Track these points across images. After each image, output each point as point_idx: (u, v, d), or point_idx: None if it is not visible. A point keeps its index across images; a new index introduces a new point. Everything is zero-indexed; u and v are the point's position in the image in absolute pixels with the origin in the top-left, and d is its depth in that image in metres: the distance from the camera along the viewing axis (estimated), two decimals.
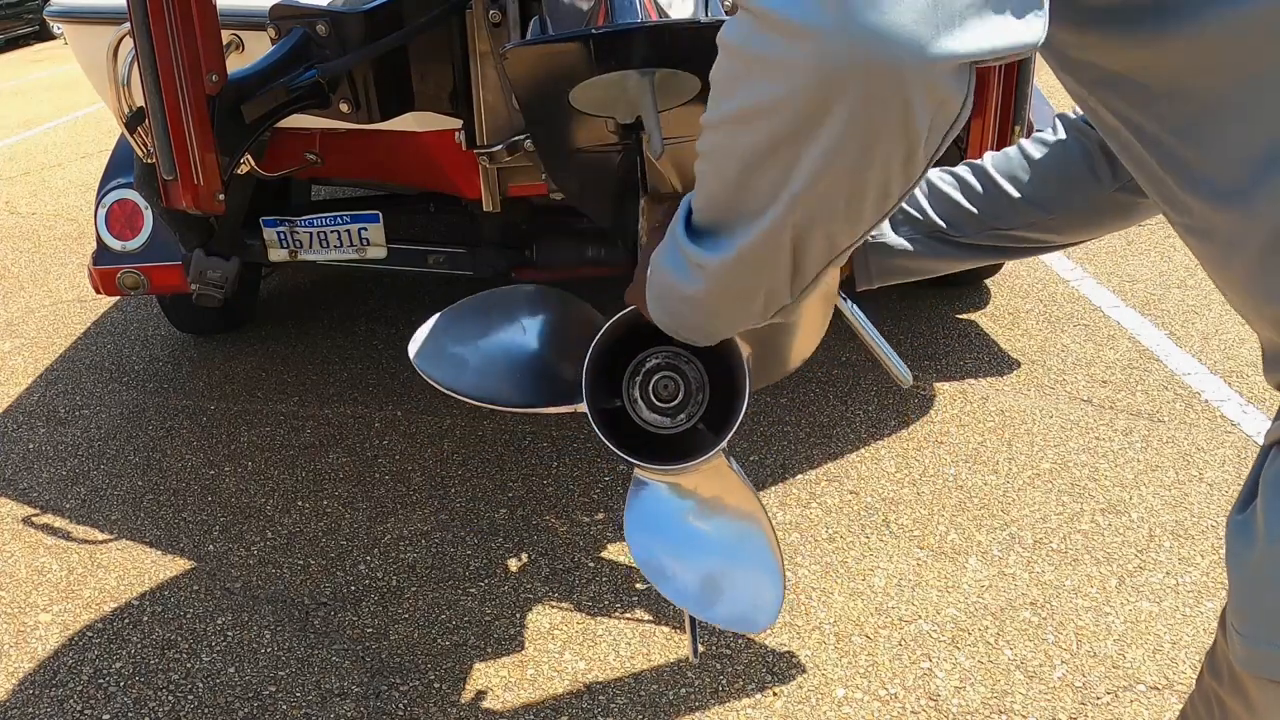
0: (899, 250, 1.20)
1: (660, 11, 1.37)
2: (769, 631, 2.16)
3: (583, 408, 1.15)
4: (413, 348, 1.26)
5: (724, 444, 1.14)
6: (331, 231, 2.61)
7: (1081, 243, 1.18)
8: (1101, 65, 0.76)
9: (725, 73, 0.66)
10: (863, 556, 2.39)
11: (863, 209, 0.67)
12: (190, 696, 2.07)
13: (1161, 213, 0.84)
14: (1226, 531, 0.79)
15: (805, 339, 1.31)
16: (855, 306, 1.27)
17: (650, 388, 1.18)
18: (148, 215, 2.90)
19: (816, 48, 0.59)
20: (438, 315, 1.29)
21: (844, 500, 2.59)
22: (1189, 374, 3.14)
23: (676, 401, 1.18)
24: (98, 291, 2.96)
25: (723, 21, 0.67)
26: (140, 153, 1.90)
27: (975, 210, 1.15)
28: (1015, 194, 1.13)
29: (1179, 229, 0.81)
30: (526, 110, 1.49)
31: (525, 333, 1.34)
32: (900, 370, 1.24)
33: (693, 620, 1.35)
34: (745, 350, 1.13)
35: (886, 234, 1.20)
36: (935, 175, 1.18)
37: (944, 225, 1.17)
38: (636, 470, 1.24)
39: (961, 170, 1.17)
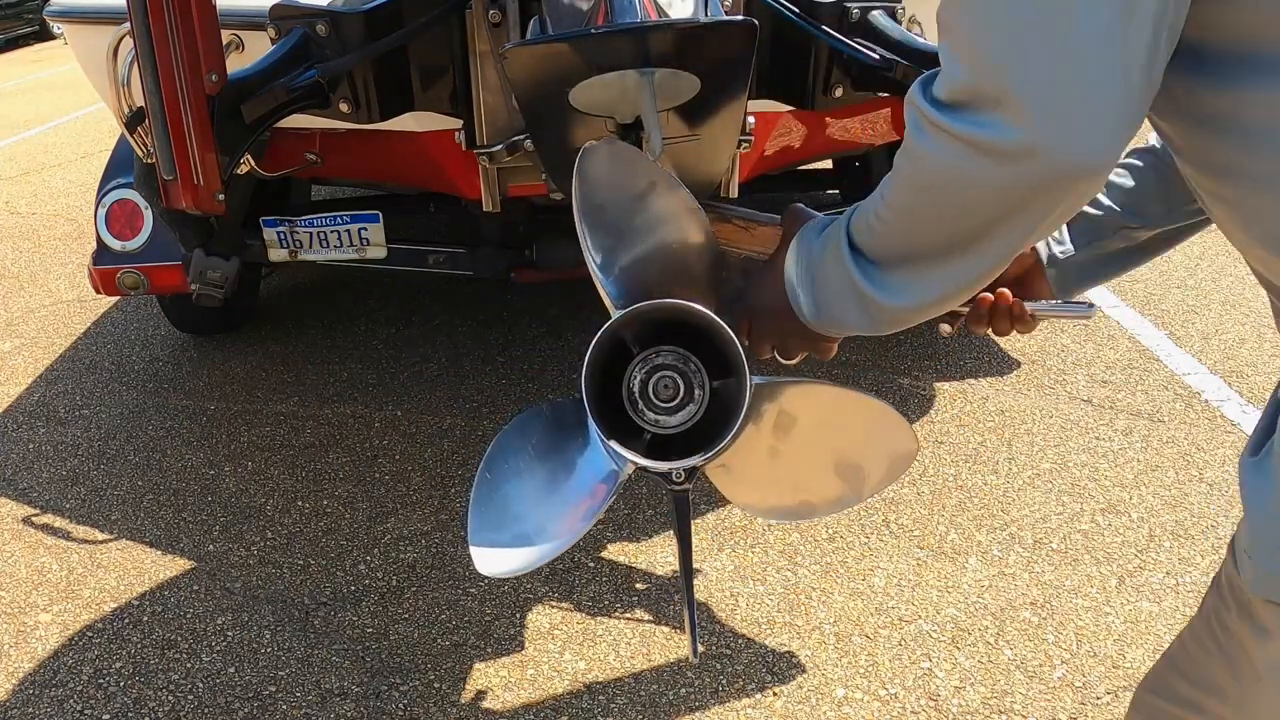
0: (1094, 255, 1.18)
1: (660, 11, 1.37)
2: (769, 631, 2.16)
3: (628, 455, 1.13)
4: (484, 568, 1.21)
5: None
6: (331, 231, 2.61)
7: None
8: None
9: (928, 182, 0.82)
10: (863, 556, 2.39)
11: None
12: (190, 696, 2.07)
13: (1191, 179, 0.89)
14: (1240, 472, 0.86)
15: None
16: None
17: (650, 389, 1.18)
18: (148, 215, 2.90)
19: (1026, 167, 0.73)
20: (470, 528, 1.24)
21: None
22: (1189, 374, 3.14)
23: (677, 400, 1.18)
24: (98, 291, 2.96)
25: (723, 22, 0.71)
26: (140, 153, 1.90)
27: (1163, 191, 1.12)
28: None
29: (1209, 196, 0.86)
30: (526, 110, 1.48)
31: (534, 458, 1.31)
32: (1080, 309, 1.21)
33: (693, 620, 1.34)
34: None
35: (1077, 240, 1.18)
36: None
37: (1133, 218, 1.14)
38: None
39: (1128, 159, 1.15)
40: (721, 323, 1.11)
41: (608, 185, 1.15)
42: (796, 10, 1.98)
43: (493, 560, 1.22)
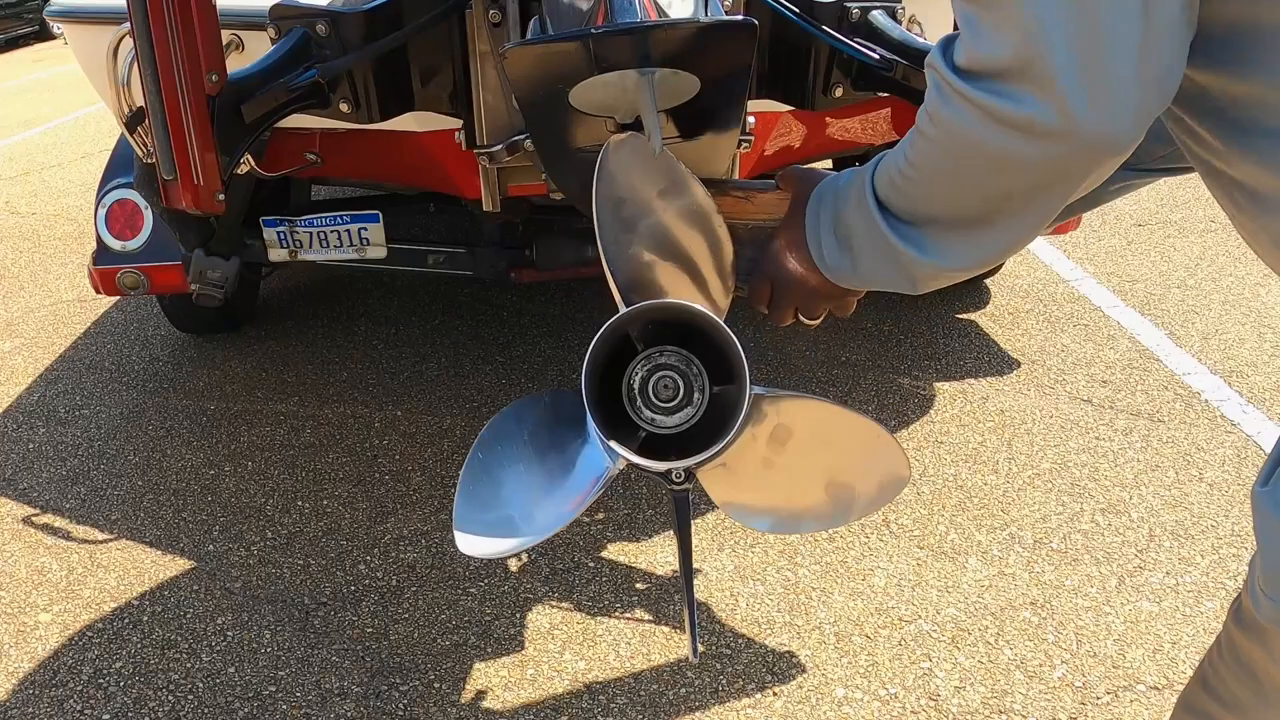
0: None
1: (660, 11, 1.37)
2: (769, 631, 2.16)
3: (627, 454, 1.13)
4: (467, 548, 1.20)
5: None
6: (331, 231, 2.61)
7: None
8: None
9: (953, 145, 0.82)
10: (863, 556, 2.39)
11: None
12: (190, 696, 2.07)
13: (1200, 167, 0.88)
14: (1253, 503, 0.85)
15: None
16: None
17: (650, 388, 1.18)
18: (148, 215, 2.90)
19: (1054, 143, 0.74)
20: (456, 509, 1.24)
21: None
22: (1189, 374, 3.14)
23: (676, 401, 1.18)
24: (98, 291, 2.96)
25: (723, 22, 0.72)
26: (140, 153, 1.90)
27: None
28: None
29: (1220, 180, 0.86)
30: (526, 110, 1.48)
31: (528, 444, 1.31)
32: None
33: (693, 620, 1.34)
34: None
35: None
36: None
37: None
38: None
39: None
40: (726, 328, 1.11)
41: (628, 181, 1.15)
42: (796, 10, 1.98)
43: (475, 542, 1.22)
